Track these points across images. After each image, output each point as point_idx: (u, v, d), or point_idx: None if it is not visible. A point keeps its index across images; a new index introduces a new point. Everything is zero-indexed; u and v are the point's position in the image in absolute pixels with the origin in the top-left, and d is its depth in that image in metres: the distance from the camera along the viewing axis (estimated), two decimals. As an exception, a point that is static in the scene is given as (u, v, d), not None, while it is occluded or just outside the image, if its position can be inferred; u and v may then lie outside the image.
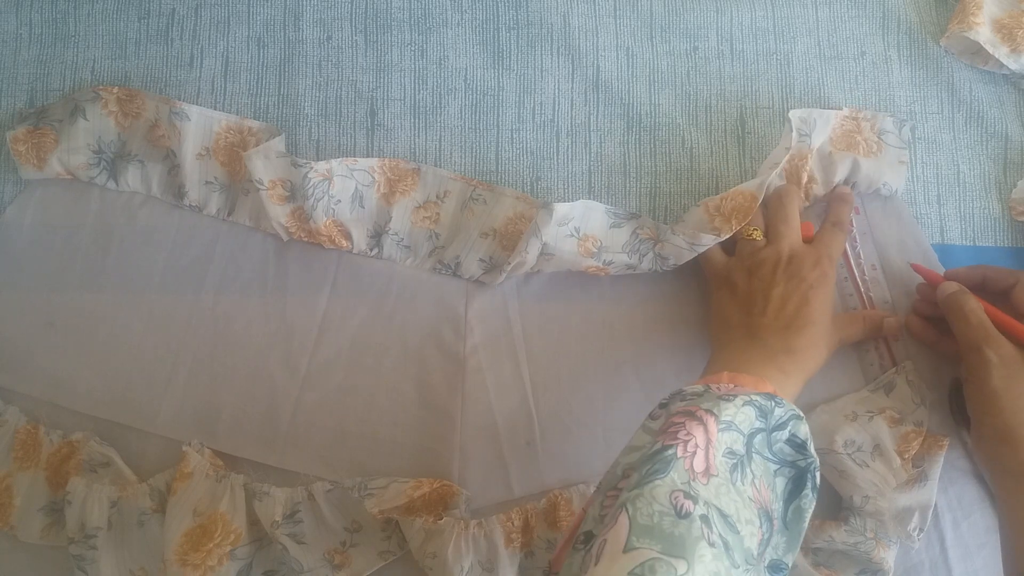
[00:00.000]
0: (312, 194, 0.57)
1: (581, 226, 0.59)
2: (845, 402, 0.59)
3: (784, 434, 0.45)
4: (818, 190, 0.62)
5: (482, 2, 0.67)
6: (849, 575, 0.56)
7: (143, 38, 0.65)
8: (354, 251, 0.61)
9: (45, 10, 0.66)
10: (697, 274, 0.62)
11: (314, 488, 0.56)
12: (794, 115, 0.60)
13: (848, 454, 0.56)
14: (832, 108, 0.65)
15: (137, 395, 0.59)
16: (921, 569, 0.58)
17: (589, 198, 0.63)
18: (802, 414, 0.46)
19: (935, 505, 0.57)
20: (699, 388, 0.46)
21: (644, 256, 0.59)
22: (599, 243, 0.59)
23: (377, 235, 0.61)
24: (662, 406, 0.46)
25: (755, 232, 0.58)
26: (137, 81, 0.64)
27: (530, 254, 0.58)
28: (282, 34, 0.66)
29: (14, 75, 0.65)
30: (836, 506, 0.57)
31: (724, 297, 0.57)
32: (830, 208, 0.61)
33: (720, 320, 0.57)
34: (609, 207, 0.59)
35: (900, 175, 0.62)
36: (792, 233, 0.57)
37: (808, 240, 0.58)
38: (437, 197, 0.61)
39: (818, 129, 0.62)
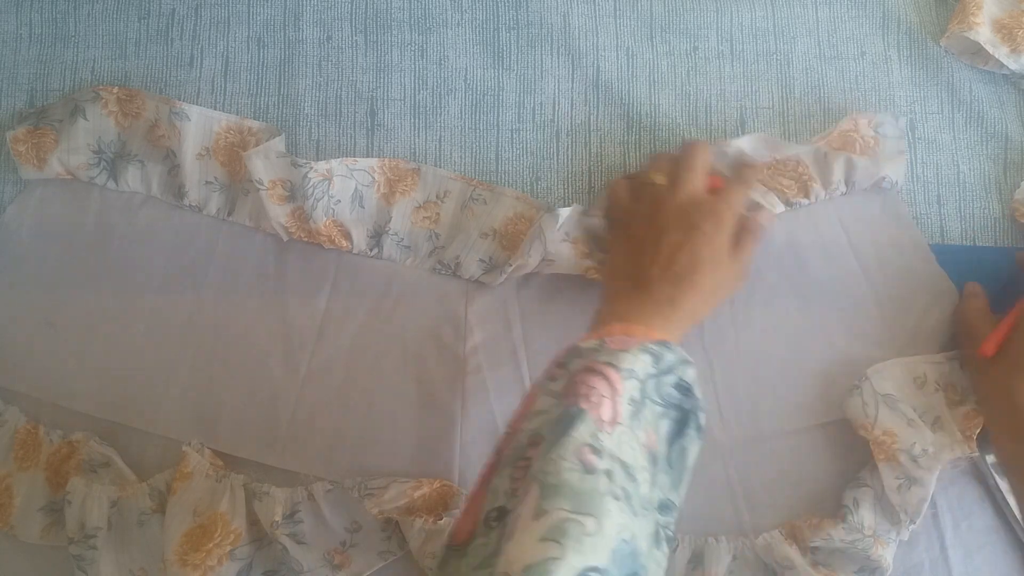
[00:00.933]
0: (312, 194, 0.57)
1: (571, 230, 0.59)
2: (918, 360, 0.60)
3: (672, 378, 0.46)
4: (818, 189, 0.62)
5: (482, 2, 0.67)
6: (847, 573, 0.56)
7: (143, 38, 0.65)
8: (354, 251, 0.61)
9: (45, 10, 0.66)
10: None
11: (314, 488, 0.56)
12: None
13: (917, 413, 0.57)
14: (832, 109, 0.65)
15: (137, 395, 0.59)
16: (921, 569, 0.58)
17: (590, 198, 0.63)
18: (690, 359, 0.47)
19: (936, 505, 0.57)
20: (594, 343, 0.47)
21: None
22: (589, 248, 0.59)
23: (377, 235, 0.61)
24: (560, 365, 0.47)
25: (658, 176, 0.57)
26: (137, 81, 0.64)
27: (532, 258, 0.58)
28: (282, 34, 0.66)
29: (14, 75, 0.65)
30: (835, 504, 0.57)
31: (619, 240, 0.57)
32: (734, 167, 0.60)
33: (612, 266, 0.57)
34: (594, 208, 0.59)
35: (900, 167, 0.62)
36: (694, 180, 0.56)
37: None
38: (437, 197, 0.61)
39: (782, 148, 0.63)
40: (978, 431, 0.57)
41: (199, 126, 0.61)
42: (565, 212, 0.57)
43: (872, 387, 0.58)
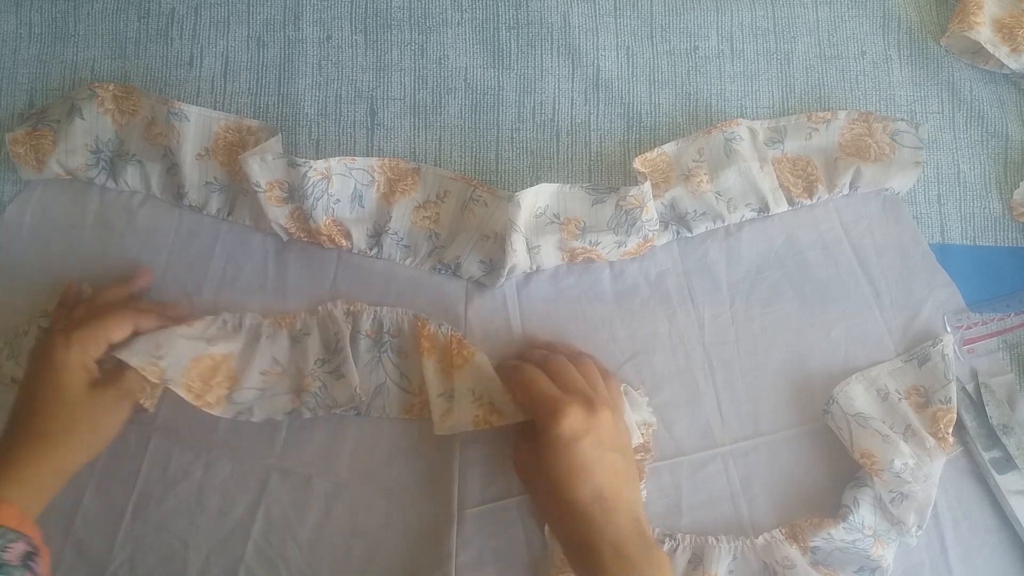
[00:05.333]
0: (311, 193, 0.57)
1: (560, 211, 0.59)
2: (878, 372, 0.60)
3: None
4: (822, 191, 0.62)
5: (482, 1, 0.67)
6: (847, 573, 0.56)
7: (143, 37, 0.65)
8: (354, 251, 0.61)
9: (45, 9, 0.66)
10: (696, 276, 0.62)
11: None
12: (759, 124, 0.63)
13: (888, 426, 0.57)
14: (833, 108, 0.65)
15: (137, 395, 0.59)
16: (921, 569, 0.58)
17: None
18: None
19: (935, 505, 0.57)
20: None
21: (632, 227, 0.59)
22: (582, 224, 0.59)
23: (377, 235, 0.61)
24: None
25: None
26: (137, 81, 0.64)
27: (519, 252, 0.58)
28: (282, 33, 0.66)
29: (14, 75, 0.65)
30: (835, 504, 0.57)
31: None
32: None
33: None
34: (586, 184, 0.59)
35: (910, 177, 0.63)
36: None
37: None
38: (437, 197, 0.61)
39: (790, 135, 0.63)
40: (950, 428, 0.57)
41: (198, 126, 0.61)
42: (530, 193, 0.57)
43: (840, 409, 0.58)
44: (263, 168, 0.57)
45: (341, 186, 0.59)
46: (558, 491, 0.50)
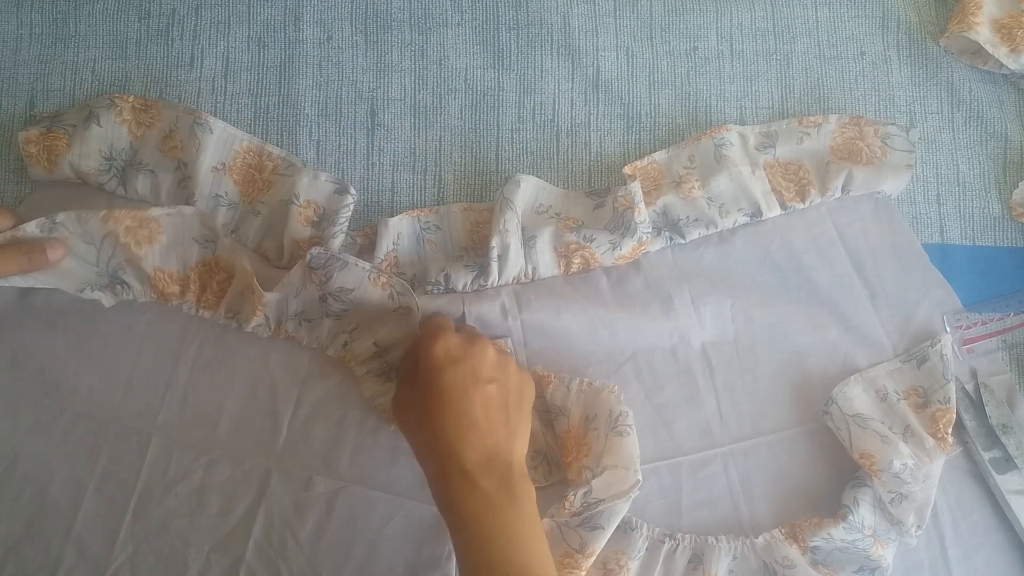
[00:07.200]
0: (340, 224, 0.59)
1: (562, 211, 0.60)
2: (877, 372, 0.60)
3: None
4: (814, 195, 0.62)
5: (482, 2, 0.67)
6: (847, 573, 0.56)
7: (143, 38, 0.65)
8: None
9: (45, 10, 0.66)
10: (694, 279, 0.62)
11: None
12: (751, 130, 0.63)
13: (887, 426, 0.58)
14: (832, 109, 0.65)
15: (137, 395, 0.59)
16: (921, 569, 0.58)
17: (589, 198, 0.64)
18: None
19: (935, 505, 0.57)
20: None
21: (627, 229, 0.59)
22: (580, 221, 0.60)
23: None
24: None
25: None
26: (137, 81, 0.64)
27: (511, 233, 0.58)
28: (282, 34, 0.66)
29: (14, 75, 0.65)
30: (835, 504, 0.58)
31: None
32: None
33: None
34: (588, 190, 0.60)
35: (901, 180, 0.63)
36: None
37: None
38: (394, 244, 0.61)
39: (781, 140, 0.63)
40: (950, 428, 0.57)
41: (220, 141, 0.60)
42: (532, 182, 0.57)
43: (839, 409, 0.58)
44: (311, 185, 0.59)
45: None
46: (425, 416, 0.48)
